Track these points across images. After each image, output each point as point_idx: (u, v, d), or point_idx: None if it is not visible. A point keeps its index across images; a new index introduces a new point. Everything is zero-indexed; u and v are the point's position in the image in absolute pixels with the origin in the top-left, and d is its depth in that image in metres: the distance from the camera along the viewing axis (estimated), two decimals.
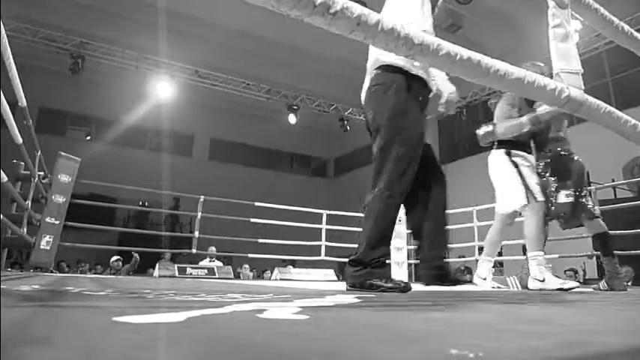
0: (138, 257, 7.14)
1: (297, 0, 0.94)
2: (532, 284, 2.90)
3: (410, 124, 2.08)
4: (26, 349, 0.42)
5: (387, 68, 2.15)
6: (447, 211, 2.26)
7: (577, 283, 3.05)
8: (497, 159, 3.18)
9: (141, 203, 12.63)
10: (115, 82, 12.36)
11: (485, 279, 3.14)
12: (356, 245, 2.08)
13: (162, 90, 9.97)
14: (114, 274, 7.22)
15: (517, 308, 1.28)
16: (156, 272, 5.54)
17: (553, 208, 3.06)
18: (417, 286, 2.38)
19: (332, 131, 14.01)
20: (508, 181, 3.07)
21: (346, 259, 2.09)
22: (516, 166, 3.07)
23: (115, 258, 7.48)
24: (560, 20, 1.56)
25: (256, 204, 6.40)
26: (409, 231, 3.43)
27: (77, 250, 7.78)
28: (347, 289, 2.00)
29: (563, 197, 3.04)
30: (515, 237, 5.87)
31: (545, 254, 2.96)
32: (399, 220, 7.02)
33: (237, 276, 7.74)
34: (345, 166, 17.81)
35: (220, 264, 7.05)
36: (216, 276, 5.70)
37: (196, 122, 15.27)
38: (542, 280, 2.82)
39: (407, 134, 2.06)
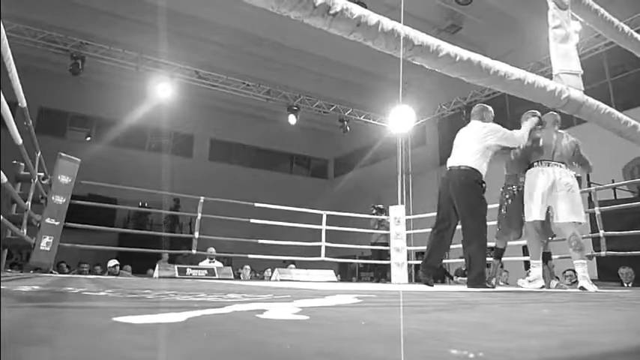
0: None
1: (297, 1, 0.94)
2: (584, 283, 3.52)
3: None
4: (26, 349, 0.42)
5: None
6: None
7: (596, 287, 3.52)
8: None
9: (141, 204, 12.60)
10: (115, 82, 12.34)
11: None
12: (355, 246, 2.10)
13: (163, 90, 9.92)
14: None
15: (517, 309, 1.28)
16: (156, 273, 5.53)
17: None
18: (417, 287, 2.38)
19: (332, 132, 13.99)
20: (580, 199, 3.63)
21: (349, 260, 2.12)
22: None
23: (112, 263, 7.45)
24: (560, 21, 1.56)
25: (256, 205, 6.39)
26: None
27: (77, 251, 7.75)
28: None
29: None
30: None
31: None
32: (398, 222, 7.04)
33: (237, 277, 7.73)
34: (345, 166, 17.79)
35: (220, 265, 7.04)
36: (217, 277, 5.69)
37: (196, 122, 15.25)
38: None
39: None
